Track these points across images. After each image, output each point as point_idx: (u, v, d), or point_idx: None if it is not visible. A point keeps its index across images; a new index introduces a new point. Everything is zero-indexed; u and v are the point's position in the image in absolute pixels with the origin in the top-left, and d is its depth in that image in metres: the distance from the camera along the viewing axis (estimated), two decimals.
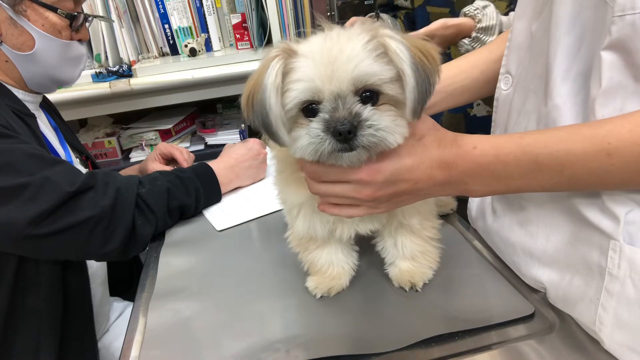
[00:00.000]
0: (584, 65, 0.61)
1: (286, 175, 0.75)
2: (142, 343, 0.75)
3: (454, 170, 0.63)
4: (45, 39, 1.06)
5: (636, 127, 0.52)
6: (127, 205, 0.98)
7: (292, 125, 0.62)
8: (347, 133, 0.56)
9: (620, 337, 0.60)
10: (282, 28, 1.76)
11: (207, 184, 1.16)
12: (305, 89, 0.58)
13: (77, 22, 1.11)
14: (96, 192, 0.95)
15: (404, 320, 0.73)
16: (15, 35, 1.04)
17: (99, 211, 0.93)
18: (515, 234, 0.77)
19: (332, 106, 0.58)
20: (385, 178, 0.62)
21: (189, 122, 2.05)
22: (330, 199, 0.68)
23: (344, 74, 0.57)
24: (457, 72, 0.90)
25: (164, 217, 1.06)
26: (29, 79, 1.10)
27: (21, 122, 1.00)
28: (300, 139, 0.60)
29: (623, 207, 0.59)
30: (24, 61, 1.07)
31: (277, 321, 0.76)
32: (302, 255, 0.82)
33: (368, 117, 0.57)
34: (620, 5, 0.53)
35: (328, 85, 0.57)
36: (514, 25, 0.76)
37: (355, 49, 0.57)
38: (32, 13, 1.04)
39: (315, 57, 0.58)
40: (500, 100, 0.80)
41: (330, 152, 0.58)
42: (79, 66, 1.19)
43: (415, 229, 0.77)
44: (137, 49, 1.94)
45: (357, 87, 0.58)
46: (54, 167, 0.93)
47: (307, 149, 0.59)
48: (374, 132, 0.57)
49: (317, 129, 0.58)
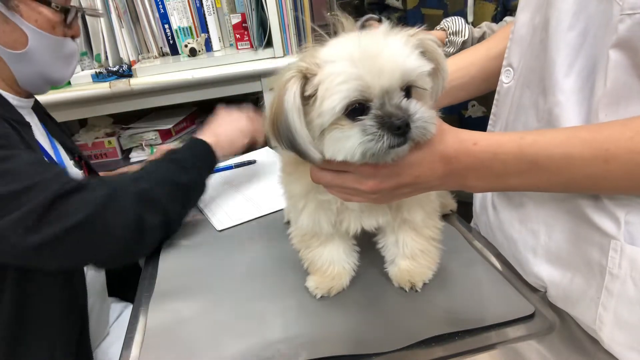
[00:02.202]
0: (587, 61, 0.61)
1: (292, 168, 0.74)
2: (142, 343, 0.75)
3: (455, 165, 0.63)
4: (39, 35, 1.02)
5: (636, 135, 0.52)
6: (125, 203, 0.92)
7: (329, 128, 0.60)
8: (405, 126, 0.57)
9: (620, 336, 0.60)
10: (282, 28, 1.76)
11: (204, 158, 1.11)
12: (354, 88, 0.57)
13: (71, 17, 1.07)
14: (86, 192, 0.89)
15: (404, 320, 0.73)
16: (7, 33, 0.99)
17: (90, 211, 0.87)
18: (516, 231, 0.77)
19: (381, 102, 0.58)
20: (388, 170, 0.62)
21: (189, 122, 2.05)
22: (333, 189, 0.68)
23: (394, 69, 0.58)
24: (455, 70, 0.89)
25: (174, 206, 1.00)
26: (22, 79, 1.05)
27: (14, 132, 0.95)
28: (349, 139, 0.59)
29: (623, 208, 0.59)
30: (17, 60, 1.02)
31: (277, 321, 0.76)
32: (303, 252, 0.82)
33: (416, 110, 0.59)
34: (631, 3, 0.53)
35: (378, 80, 0.57)
36: (517, 17, 0.75)
37: (398, 44, 0.59)
38: (25, 8, 0.99)
39: (354, 57, 0.58)
40: (502, 94, 0.80)
41: (387, 148, 0.58)
42: (72, 64, 1.14)
43: (418, 226, 0.77)
44: (137, 49, 1.94)
45: (404, 81, 0.59)
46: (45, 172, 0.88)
47: (358, 150, 0.59)
48: (423, 124, 0.59)
49: (372, 126, 0.58)
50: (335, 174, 0.65)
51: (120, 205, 0.92)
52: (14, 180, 0.84)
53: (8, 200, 0.84)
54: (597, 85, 0.59)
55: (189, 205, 1.08)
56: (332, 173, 0.65)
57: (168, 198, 0.99)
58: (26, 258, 0.88)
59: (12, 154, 0.88)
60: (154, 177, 1.01)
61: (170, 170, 1.04)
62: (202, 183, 1.10)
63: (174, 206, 1.01)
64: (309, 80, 0.60)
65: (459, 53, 0.96)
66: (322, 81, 0.59)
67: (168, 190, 1.00)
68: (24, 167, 0.87)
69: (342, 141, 0.59)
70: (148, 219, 0.94)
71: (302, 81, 0.60)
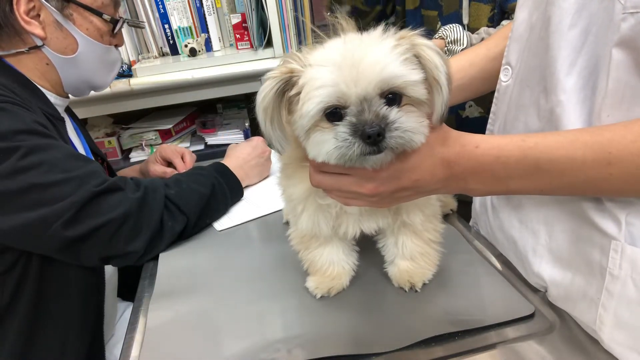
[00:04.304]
0: (588, 60, 0.61)
1: (291, 171, 0.75)
2: (142, 343, 0.75)
3: (456, 169, 0.63)
4: (89, 43, 1.09)
5: (639, 139, 0.52)
6: (155, 205, 0.97)
7: (313, 129, 0.61)
8: (376, 136, 0.56)
9: (620, 336, 0.60)
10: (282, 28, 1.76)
11: (229, 180, 1.17)
12: (329, 94, 0.57)
13: (118, 27, 1.14)
14: (125, 192, 0.94)
15: (404, 320, 0.73)
16: (60, 39, 1.05)
17: (126, 209, 0.92)
18: (516, 230, 0.77)
19: (358, 109, 0.57)
20: (388, 173, 0.62)
21: (189, 122, 2.05)
22: (333, 193, 0.68)
23: (371, 77, 0.57)
24: (455, 71, 0.89)
25: (195, 218, 1.05)
26: (67, 82, 1.11)
27: (51, 126, 1.00)
28: (326, 143, 0.59)
29: (624, 208, 0.59)
30: (66, 64, 1.08)
31: (277, 321, 0.76)
32: (302, 253, 0.82)
33: (395, 119, 0.57)
34: (633, 1, 0.52)
35: (354, 88, 0.57)
36: (516, 15, 0.75)
37: (381, 51, 0.57)
38: (78, 17, 1.06)
39: (336, 62, 0.58)
40: (500, 92, 0.80)
41: (359, 155, 0.58)
42: (114, 71, 1.21)
43: (417, 229, 0.77)
44: (137, 49, 1.94)
45: (383, 90, 0.58)
46: (85, 166, 0.93)
47: (333, 154, 0.59)
48: (401, 134, 0.57)
49: (344, 133, 0.58)
50: (335, 177, 0.65)
51: (150, 207, 0.96)
52: (51, 171, 0.88)
53: (46, 190, 0.87)
54: (599, 85, 0.58)
55: (207, 217, 1.10)
56: (331, 176, 0.65)
57: (190, 207, 1.04)
58: (61, 250, 0.92)
59: (49, 143, 0.91)
60: (183, 186, 1.06)
61: (198, 182, 1.09)
62: (224, 200, 1.14)
63: (194, 215, 1.05)
64: (295, 81, 0.61)
65: (459, 54, 0.96)
66: (304, 84, 0.59)
67: (193, 200, 1.05)
68: (61, 158, 0.91)
69: (320, 144, 0.60)
70: (169, 222, 0.99)
71: (281, 83, 0.61)
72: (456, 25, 1.23)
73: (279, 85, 0.61)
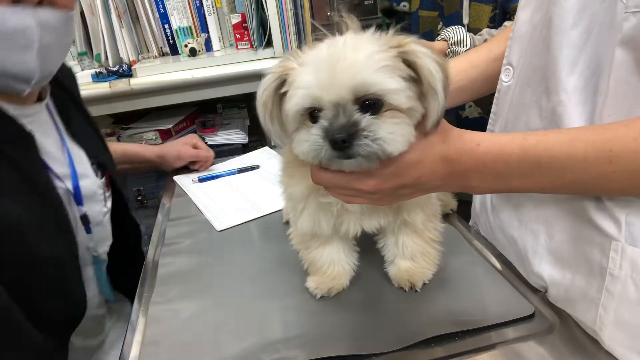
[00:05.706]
0: (590, 60, 0.61)
1: (293, 170, 0.74)
2: (142, 343, 0.75)
3: (457, 166, 0.63)
4: None
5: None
6: None
7: (299, 126, 0.62)
8: (342, 142, 0.56)
9: (620, 337, 0.60)
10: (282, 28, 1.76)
11: None
12: (304, 96, 0.58)
13: None
14: None
15: (404, 320, 0.73)
16: None
17: None
18: (516, 230, 0.77)
19: (333, 113, 0.57)
20: (389, 170, 0.62)
21: (189, 122, 2.05)
22: (334, 191, 0.68)
23: (344, 82, 0.56)
24: (456, 72, 0.89)
25: None
26: None
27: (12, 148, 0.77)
28: (303, 142, 0.60)
29: (624, 208, 0.59)
30: None
31: (277, 321, 0.76)
32: (302, 253, 0.82)
33: (365, 127, 0.56)
34: (635, 1, 0.52)
35: (327, 93, 0.57)
36: (518, 15, 0.75)
37: (358, 57, 0.56)
38: None
39: (318, 65, 0.58)
40: (501, 93, 0.80)
41: (329, 158, 0.59)
42: (31, 46, 0.74)
43: (418, 228, 0.77)
44: (137, 48, 1.94)
45: (358, 96, 0.57)
46: None
47: (309, 154, 0.60)
48: (370, 142, 0.56)
49: (316, 136, 0.58)
50: (336, 174, 0.65)
51: None
52: None
53: None
54: (601, 84, 0.58)
55: None
56: (333, 173, 0.65)
57: None
58: None
59: None
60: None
61: None
62: None
63: None
64: (287, 78, 0.62)
65: (460, 55, 0.96)
66: (291, 82, 0.60)
67: None
68: None
69: (300, 143, 0.61)
70: None
71: (278, 80, 0.62)
72: (459, 27, 1.23)
73: (277, 81, 0.62)
